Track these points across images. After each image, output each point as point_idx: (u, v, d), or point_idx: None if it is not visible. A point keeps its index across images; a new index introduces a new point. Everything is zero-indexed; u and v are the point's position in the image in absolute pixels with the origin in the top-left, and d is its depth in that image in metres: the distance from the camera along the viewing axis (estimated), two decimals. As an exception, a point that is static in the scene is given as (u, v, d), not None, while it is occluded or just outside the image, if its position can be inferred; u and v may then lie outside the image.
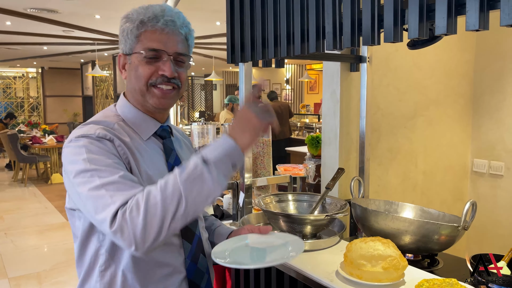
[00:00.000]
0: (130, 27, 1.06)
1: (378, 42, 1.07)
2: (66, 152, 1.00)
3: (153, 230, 0.86)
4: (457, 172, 2.86)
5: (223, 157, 0.90)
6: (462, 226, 1.43)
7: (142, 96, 1.10)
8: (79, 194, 0.95)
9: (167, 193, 0.86)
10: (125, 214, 0.86)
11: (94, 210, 0.91)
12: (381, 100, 2.35)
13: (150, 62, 1.06)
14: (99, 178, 0.92)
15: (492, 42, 2.72)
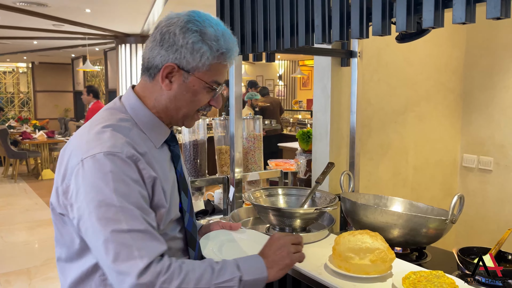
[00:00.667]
0: (206, 51, 0.97)
1: (366, 36, 1.07)
2: (87, 168, 0.90)
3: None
4: (447, 167, 2.89)
5: (251, 283, 0.95)
6: (449, 220, 1.44)
7: (182, 118, 1.05)
8: (94, 228, 0.88)
9: (199, 287, 0.89)
10: (158, 278, 0.85)
11: (114, 257, 0.85)
12: (372, 96, 2.36)
13: (209, 92, 1.03)
14: (125, 221, 0.87)
15: (482, 38, 2.74)
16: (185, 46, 0.97)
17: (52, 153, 9.11)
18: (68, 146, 1.00)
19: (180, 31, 0.97)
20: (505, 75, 2.63)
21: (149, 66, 1.02)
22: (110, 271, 0.87)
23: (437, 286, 1.09)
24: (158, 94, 1.02)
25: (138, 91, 1.06)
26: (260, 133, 2.35)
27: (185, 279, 0.87)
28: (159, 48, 0.99)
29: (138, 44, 7.63)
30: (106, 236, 0.86)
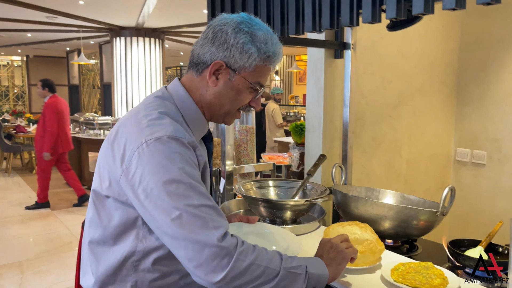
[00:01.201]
0: (254, 53, 1.01)
1: (357, 23, 1.05)
2: (155, 148, 0.92)
3: (242, 281, 0.89)
4: (441, 161, 2.88)
5: (315, 277, 0.98)
6: (440, 212, 1.43)
7: (223, 115, 1.09)
8: (165, 204, 0.88)
9: (271, 266, 0.92)
10: (236, 249, 0.88)
11: (190, 228, 0.87)
12: (365, 88, 2.34)
13: (251, 92, 1.07)
14: (196, 197, 0.90)
15: (477, 32, 2.72)
16: (236, 45, 1.00)
17: (47, 147, 9.06)
18: (121, 130, 1.00)
19: (233, 31, 1.01)
20: (499, 69, 2.62)
21: (198, 62, 1.05)
22: (186, 243, 0.87)
23: (426, 277, 1.08)
24: (203, 89, 1.06)
25: (184, 84, 1.09)
26: (253, 126, 2.34)
27: (259, 257, 0.91)
28: (210, 45, 1.02)
29: (133, 37, 7.56)
30: (180, 210, 0.87)
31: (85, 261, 1.08)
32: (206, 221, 0.87)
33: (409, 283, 1.06)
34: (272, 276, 0.91)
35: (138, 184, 0.91)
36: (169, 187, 0.88)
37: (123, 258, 0.99)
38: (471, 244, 1.43)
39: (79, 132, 7.16)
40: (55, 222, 5.09)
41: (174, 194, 0.88)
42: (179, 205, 0.88)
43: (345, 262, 1.05)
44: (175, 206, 0.88)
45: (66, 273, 3.59)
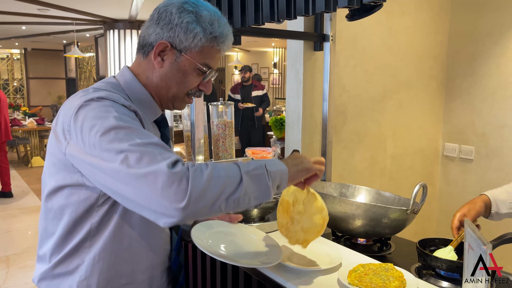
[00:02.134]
0: (199, 33, 0.98)
1: (312, 13, 0.99)
2: (85, 110, 0.89)
3: (209, 198, 0.83)
4: (428, 156, 2.83)
5: (277, 175, 0.95)
6: (411, 210, 1.38)
7: (171, 98, 1.06)
8: (108, 151, 0.84)
9: (231, 174, 0.88)
10: (188, 170, 0.82)
11: (137, 163, 0.81)
12: (347, 82, 2.29)
13: (199, 75, 1.04)
14: (138, 137, 0.85)
15: (466, 24, 2.65)
16: (180, 25, 0.98)
17: (42, 140, 9.04)
18: (60, 113, 0.97)
19: (177, 11, 0.99)
20: (488, 62, 2.56)
21: (144, 44, 1.03)
22: (138, 181, 0.82)
23: (383, 279, 1.03)
24: (150, 71, 1.04)
25: (132, 69, 1.07)
26: (232, 120, 2.28)
27: (215, 169, 0.86)
28: (155, 26, 1.01)
29: (127, 30, 7.49)
30: (124, 151, 0.83)
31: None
32: (154, 155, 0.82)
33: (364, 286, 1.01)
34: (236, 183, 0.87)
35: (82, 144, 0.88)
36: (109, 136, 0.85)
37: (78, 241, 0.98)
38: (442, 243, 1.38)
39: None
40: (46, 216, 5.06)
41: (115, 140, 0.84)
42: (123, 147, 0.83)
43: (305, 170, 1.03)
44: (119, 149, 0.83)
45: (52, 268, 3.56)
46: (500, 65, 2.49)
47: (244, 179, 0.88)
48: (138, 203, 0.83)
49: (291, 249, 1.27)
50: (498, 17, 2.50)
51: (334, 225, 1.50)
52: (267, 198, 0.93)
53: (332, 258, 1.21)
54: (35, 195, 6.04)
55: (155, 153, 0.83)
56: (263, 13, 1.14)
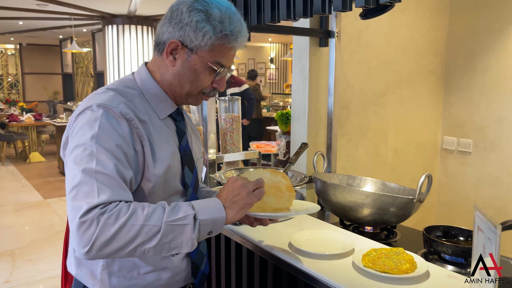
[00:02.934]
0: (209, 31, 0.99)
1: (329, 11, 1.05)
2: (81, 117, 0.97)
3: (114, 247, 0.85)
4: (428, 149, 2.90)
5: (209, 223, 0.93)
6: (417, 199, 1.45)
7: (185, 96, 1.08)
8: (69, 165, 0.92)
9: (148, 223, 0.87)
10: (102, 216, 0.84)
11: (76, 191, 0.87)
12: (351, 77, 2.35)
13: (211, 73, 1.05)
14: (96, 162, 0.89)
15: (465, 20, 2.72)
16: (190, 24, 1.00)
17: (40, 136, 9.04)
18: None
19: (187, 10, 1.00)
20: (486, 57, 2.62)
21: (158, 42, 1.06)
22: (68, 203, 0.89)
23: (395, 262, 1.10)
24: (164, 69, 1.06)
25: (148, 66, 1.11)
26: (239, 115, 2.34)
27: (133, 216, 0.86)
28: (168, 25, 1.03)
29: (125, 25, 7.49)
30: (76, 171, 0.89)
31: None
32: (92, 189, 0.86)
33: (378, 268, 1.08)
34: (152, 234, 0.86)
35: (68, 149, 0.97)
36: (77, 151, 0.91)
37: None
38: (446, 230, 1.45)
39: (72, 121, 7.13)
40: (48, 211, 5.10)
41: (78, 157, 0.91)
42: (78, 167, 0.89)
43: (248, 207, 0.99)
44: (74, 168, 0.90)
45: (58, 261, 3.61)
46: (499, 60, 2.56)
47: (163, 229, 0.87)
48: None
49: (306, 235, 1.34)
50: (497, 12, 2.56)
51: (343, 214, 1.57)
52: (188, 249, 0.91)
53: (345, 243, 1.27)
54: (35, 190, 6.07)
55: (95, 187, 0.86)
56: (280, 11, 1.20)
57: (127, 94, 1.02)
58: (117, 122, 0.95)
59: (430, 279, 1.11)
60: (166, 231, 0.87)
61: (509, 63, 2.51)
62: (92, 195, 0.86)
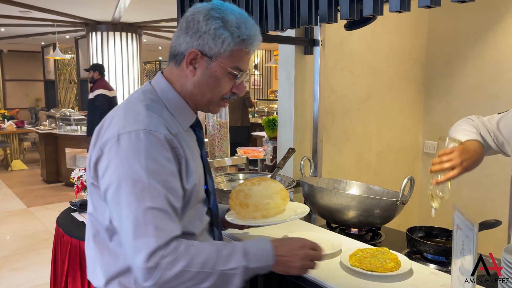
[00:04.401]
0: (227, 37, 1.01)
1: (315, 23, 1.11)
2: (123, 143, 0.94)
3: (172, 285, 0.92)
4: (410, 153, 2.99)
5: (257, 271, 1.00)
6: (400, 201, 1.51)
7: (207, 103, 1.09)
8: (119, 200, 0.92)
9: (203, 270, 0.93)
10: (164, 260, 0.90)
11: (134, 229, 0.90)
12: (335, 83, 2.42)
13: (231, 78, 1.07)
14: (150, 198, 0.91)
15: (444, 28, 2.83)
16: (208, 32, 1.01)
17: (22, 143, 8.90)
18: (105, 123, 1.03)
19: (204, 18, 1.01)
20: (464, 64, 2.73)
21: (175, 53, 1.06)
22: (127, 242, 0.92)
23: (381, 261, 1.15)
24: (183, 80, 1.07)
25: (166, 77, 1.10)
26: (226, 121, 2.38)
27: (191, 263, 0.92)
28: (185, 36, 1.04)
29: (110, 32, 7.47)
30: (129, 209, 0.90)
31: (92, 257, 1.09)
32: (148, 228, 0.90)
33: (365, 267, 1.13)
34: (204, 278, 0.94)
35: (103, 175, 0.96)
36: (127, 185, 0.92)
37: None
38: (427, 230, 1.52)
39: (55, 128, 7.07)
40: (32, 219, 5.04)
41: (129, 192, 0.91)
42: (131, 205, 0.91)
43: (296, 270, 1.03)
44: (127, 205, 0.91)
45: (43, 269, 3.58)
46: (476, 67, 2.67)
47: (214, 276, 0.94)
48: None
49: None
50: (474, 20, 2.67)
51: (330, 217, 1.62)
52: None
53: (333, 244, 1.33)
54: (18, 198, 5.98)
55: (149, 226, 0.90)
56: (268, 22, 1.25)
57: (156, 109, 1.02)
58: (162, 147, 0.96)
59: (413, 277, 1.17)
60: (218, 277, 0.95)
61: (486, 69, 2.62)
62: (149, 235, 0.90)
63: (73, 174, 1.98)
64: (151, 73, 14.90)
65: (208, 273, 0.93)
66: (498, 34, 2.56)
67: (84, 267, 1.79)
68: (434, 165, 1.32)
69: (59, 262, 1.96)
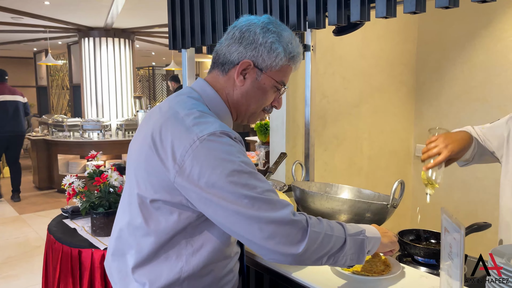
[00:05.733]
0: (281, 52, 1.04)
1: (304, 28, 1.12)
2: (209, 144, 0.92)
3: (320, 252, 0.94)
4: (401, 157, 3.01)
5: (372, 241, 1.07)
6: (391, 204, 1.52)
7: (249, 114, 1.11)
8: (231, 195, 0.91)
9: (338, 235, 0.98)
10: (309, 221, 0.93)
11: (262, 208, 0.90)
12: (327, 88, 2.44)
13: (276, 92, 1.09)
14: (257, 183, 0.93)
15: (433, 33, 2.86)
16: (264, 44, 1.03)
17: (14, 150, 8.83)
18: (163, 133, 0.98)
19: (261, 31, 1.03)
20: (452, 68, 2.77)
21: (224, 61, 1.07)
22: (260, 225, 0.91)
23: (371, 264, 1.16)
24: (230, 89, 1.07)
25: (211, 84, 1.10)
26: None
27: (327, 227, 0.96)
28: (238, 45, 1.04)
29: (102, 38, 7.46)
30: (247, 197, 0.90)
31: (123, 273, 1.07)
32: (273, 203, 0.92)
33: (355, 271, 1.14)
34: (341, 244, 0.97)
35: (197, 179, 0.92)
36: (232, 178, 0.91)
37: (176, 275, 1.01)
38: (419, 233, 1.53)
39: (48, 134, 7.03)
40: (24, 226, 5.00)
41: (238, 183, 0.91)
42: (246, 193, 0.91)
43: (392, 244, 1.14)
44: (242, 194, 0.90)
45: (35, 277, 3.55)
46: (464, 71, 2.70)
47: (348, 241, 0.99)
48: (255, 242, 0.92)
49: None
50: (463, 26, 2.71)
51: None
52: (361, 262, 1.02)
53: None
54: (9, 205, 5.93)
55: (273, 201, 0.92)
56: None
57: (229, 128, 1.00)
58: (240, 146, 0.98)
59: (403, 280, 1.18)
60: (350, 243, 0.99)
61: (475, 74, 2.66)
62: (278, 207, 0.92)
63: (64, 181, 1.97)
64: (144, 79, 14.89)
65: (342, 238, 0.98)
66: (486, 39, 2.59)
67: (76, 274, 1.78)
68: (423, 154, 1.41)
69: (50, 270, 1.94)
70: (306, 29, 1.12)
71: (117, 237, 1.08)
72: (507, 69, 2.50)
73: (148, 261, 1.01)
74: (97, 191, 1.92)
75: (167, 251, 1.00)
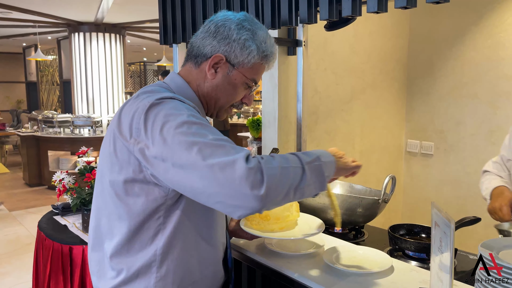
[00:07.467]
0: (254, 50, 1.04)
1: (296, 23, 1.12)
2: (156, 109, 0.91)
3: (282, 187, 0.88)
4: (393, 152, 3.03)
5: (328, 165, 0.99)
6: (382, 199, 1.53)
7: (217, 108, 1.11)
8: (182, 144, 0.86)
9: (295, 165, 0.91)
10: (261, 161, 0.85)
11: (213, 155, 0.84)
12: (319, 84, 2.44)
13: (246, 89, 1.10)
14: (209, 132, 0.88)
15: (425, 29, 2.87)
16: (237, 41, 1.04)
17: (3, 146, 8.74)
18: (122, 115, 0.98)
19: (236, 27, 1.04)
20: (443, 64, 2.78)
21: (197, 54, 1.07)
22: (214, 173, 0.84)
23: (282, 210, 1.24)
24: (201, 81, 1.08)
25: (182, 76, 1.11)
26: (211, 122, 2.38)
27: (281, 159, 0.90)
28: (212, 39, 1.05)
29: (93, 33, 7.38)
30: (198, 144, 0.86)
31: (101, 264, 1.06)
32: (227, 149, 0.86)
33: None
34: (300, 174, 0.91)
35: (151, 140, 0.90)
36: (181, 129, 0.88)
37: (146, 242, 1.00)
38: (409, 228, 1.54)
39: (38, 131, 6.96)
40: (14, 224, 4.95)
41: (188, 133, 0.87)
42: (196, 140, 0.86)
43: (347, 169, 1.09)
44: (192, 142, 0.86)
45: (25, 275, 3.52)
46: (455, 67, 2.72)
47: (306, 169, 0.92)
48: (213, 196, 0.85)
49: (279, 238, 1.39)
50: (453, 22, 2.72)
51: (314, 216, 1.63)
52: (323, 188, 0.98)
53: (316, 243, 1.34)
54: (0, 202, 5.87)
55: (227, 147, 0.86)
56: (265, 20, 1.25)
57: (183, 98, 1.00)
58: (195, 111, 0.95)
59: (394, 274, 1.18)
60: (308, 171, 0.92)
61: (465, 70, 2.67)
62: (231, 153, 0.85)
63: (54, 177, 1.96)
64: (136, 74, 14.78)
65: (300, 167, 0.91)
66: (476, 35, 2.61)
67: (67, 271, 1.77)
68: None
69: (41, 267, 1.93)
70: (297, 24, 1.12)
71: (95, 227, 1.08)
72: (498, 65, 2.52)
73: (124, 247, 1.01)
74: (87, 188, 1.91)
75: (140, 236, 0.99)
